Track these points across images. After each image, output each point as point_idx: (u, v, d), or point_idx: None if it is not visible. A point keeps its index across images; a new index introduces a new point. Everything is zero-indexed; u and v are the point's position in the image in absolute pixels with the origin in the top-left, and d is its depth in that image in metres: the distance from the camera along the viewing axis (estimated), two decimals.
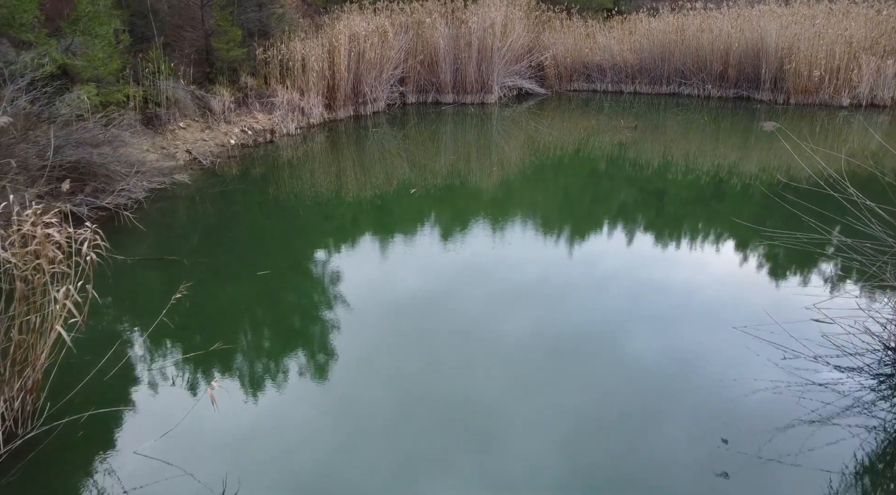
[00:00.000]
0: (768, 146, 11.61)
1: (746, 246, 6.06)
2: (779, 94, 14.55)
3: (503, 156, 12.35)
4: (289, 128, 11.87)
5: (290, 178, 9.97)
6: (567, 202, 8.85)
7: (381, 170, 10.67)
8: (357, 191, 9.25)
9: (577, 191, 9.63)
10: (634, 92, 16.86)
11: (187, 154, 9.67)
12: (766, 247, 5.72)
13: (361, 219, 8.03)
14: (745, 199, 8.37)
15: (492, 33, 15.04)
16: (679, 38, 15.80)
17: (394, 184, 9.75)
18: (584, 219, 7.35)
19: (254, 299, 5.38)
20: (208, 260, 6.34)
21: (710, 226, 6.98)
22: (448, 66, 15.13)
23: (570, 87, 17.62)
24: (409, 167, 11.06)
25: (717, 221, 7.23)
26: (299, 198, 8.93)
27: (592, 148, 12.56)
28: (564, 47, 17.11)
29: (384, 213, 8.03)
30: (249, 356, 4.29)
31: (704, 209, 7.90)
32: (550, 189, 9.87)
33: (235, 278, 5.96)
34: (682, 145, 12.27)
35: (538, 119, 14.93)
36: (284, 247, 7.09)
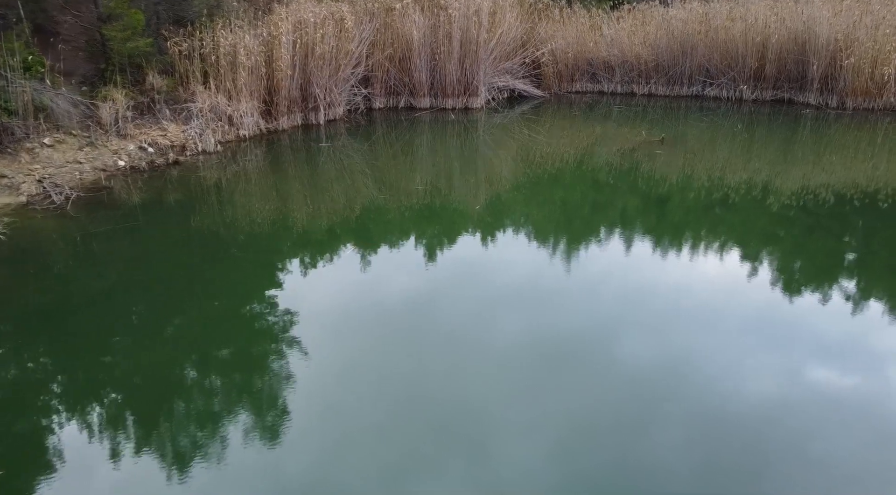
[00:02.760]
0: (815, 160, 9.05)
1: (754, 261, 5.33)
2: (830, 96, 11.82)
3: (492, 172, 9.72)
4: (207, 143, 9.01)
5: (218, 206, 7.48)
6: (566, 225, 6.83)
7: (339, 193, 8.11)
8: (308, 219, 7.08)
9: (577, 212, 7.43)
10: (649, 94, 14.11)
11: (40, 184, 6.82)
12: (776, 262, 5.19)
13: (315, 251, 6.31)
14: (775, 221, 6.28)
15: (477, 23, 12.25)
16: (703, 29, 13.06)
17: (356, 209, 7.36)
18: (582, 241, 6.28)
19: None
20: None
21: (714, 235, 6.08)
22: (424, 63, 12.32)
23: (571, 88, 14.85)
24: (375, 188, 8.50)
25: (725, 232, 6.26)
26: (232, 229, 6.75)
27: (598, 162, 9.88)
28: (565, 41, 14.33)
29: (345, 242, 6.44)
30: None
31: (719, 227, 6.37)
32: (547, 211, 7.45)
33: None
34: (707, 159, 9.63)
35: (534, 127, 12.18)
36: (219, 289, 5.61)
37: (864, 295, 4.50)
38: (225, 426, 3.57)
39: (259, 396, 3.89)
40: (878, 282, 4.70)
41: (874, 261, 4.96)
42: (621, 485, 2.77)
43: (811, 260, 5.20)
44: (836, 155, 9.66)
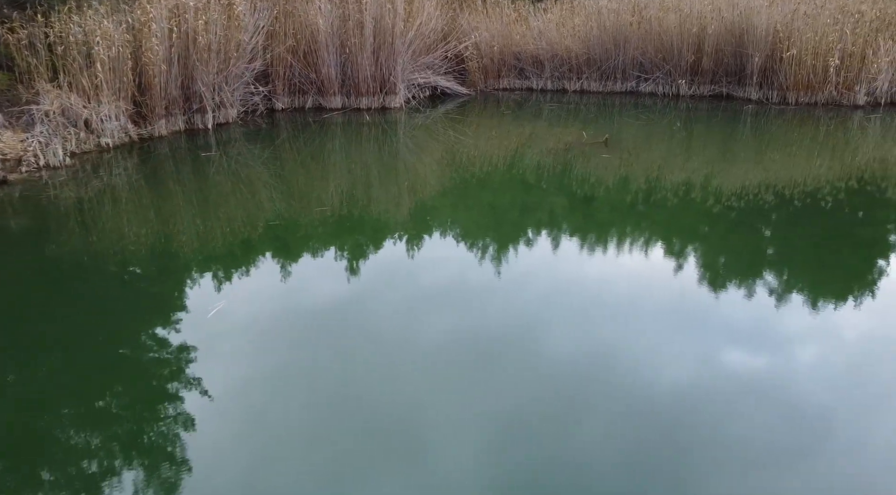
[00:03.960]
0: (756, 158, 8.31)
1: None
2: (771, 90, 11.12)
3: (416, 178, 8.39)
4: (53, 155, 7.16)
5: (80, 232, 5.90)
6: (494, 229, 6.18)
7: (237, 209, 6.61)
8: (199, 240, 5.76)
9: (506, 215, 6.61)
10: (581, 90, 13.12)
11: None
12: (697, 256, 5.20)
13: (214, 272, 5.21)
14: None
15: (392, 11, 10.83)
16: (636, 20, 12.15)
17: (259, 226, 6.01)
18: (510, 243, 5.83)
19: None
20: None
21: (640, 234, 5.85)
22: (333, 57, 10.79)
23: (498, 84, 13.68)
24: (282, 201, 6.99)
25: (652, 231, 6.00)
26: (100, 259, 5.30)
27: (528, 164, 8.74)
28: (489, 34, 13.14)
29: (249, 261, 5.44)
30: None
31: (646, 226, 6.06)
32: (475, 216, 6.55)
33: None
34: (644, 159, 8.66)
35: (460, 128, 10.88)
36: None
37: (777, 286, 4.54)
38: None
39: (159, 442, 3.26)
40: (792, 274, 4.74)
41: (794, 255, 5.03)
42: (552, 479, 2.81)
43: (732, 255, 5.16)
44: (778, 152, 8.90)
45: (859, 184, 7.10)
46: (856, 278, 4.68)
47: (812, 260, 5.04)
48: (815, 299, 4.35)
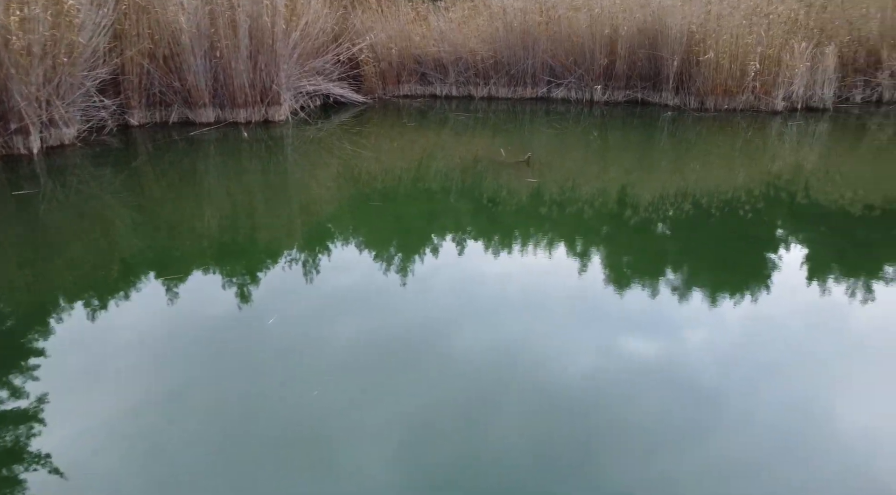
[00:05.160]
0: (675, 167, 7.84)
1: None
2: (688, 96, 10.49)
3: (309, 198, 7.05)
4: None
5: None
6: (398, 240, 5.96)
7: (81, 250, 5.33)
8: (37, 287, 4.74)
9: (411, 227, 6.27)
10: (489, 97, 12.06)
11: None
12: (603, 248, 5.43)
13: (68, 316, 4.42)
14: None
15: (271, 9, 9.25)
16: (544, 20, 11.22)
17: (114, 267, 4.96)
18: (414, 255, 5.38)
19: None
20: None
21: (548, 239, 5.67)
22: (201, 62, 9.06)
23: (398, 91, 12.38)
24: (143, 235, 5.61)
25: (559, 236, 5.78)
26: None
27: (434, 177, 7.65)
28: (386, 34, 11.80)
29: (111, 300, 4.55)
30: None
31: (555, 232, 5.95)
32: (376, 230, 6.05)
33: None
34: (558, 169, 7.78)
35: (357, 140, 9.50)
36: None
37: (677, 281, 4.71)
38: None
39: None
40: (691, 270, 4.93)
41: (696, 254, 5.25)
42: (467, 477, 2.82)
43: (637, 255, 5.24)
44: (696, 161, 8.38)
45: (772, 190, 6.89)
46: (748, 272, 4.88)
47: (712, 258, 5.20)
48: (710, 292, 4.52)
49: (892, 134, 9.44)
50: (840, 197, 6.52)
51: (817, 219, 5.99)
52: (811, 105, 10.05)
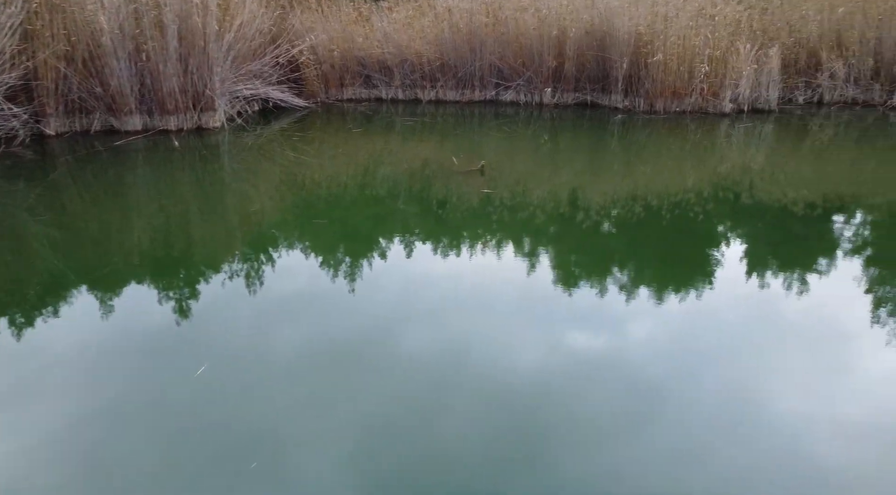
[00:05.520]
0: (626, 170, 7.77)
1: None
2: (637, 98, 10.39)
3: (249, 209, 6.56)
4: None
5: None
6: (345, 244, 5.95)
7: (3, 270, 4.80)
8: None
9: (357, 230, 6.19)
10: (436, 100, 11.70)
11: None
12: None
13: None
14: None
15: (203, 9, 8.64)
16: (491, 21, 10.94)
17: (32, 287, 4.61)
18: (364, 254, 5.38)
19: None
20: None
21: (495, 239, 5.70)
22: (125, 66, 8.37)
23: (342, 95, 11.88)
24: (64, 254, 5.23)
25: (505, 236, 5.81)
26: None
27: (381, 182, 7.32)
28: (327, 35, 11.29)
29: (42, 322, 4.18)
30: None
31: (502, 232, 5.95)
32: (322, 237, 5.92)
33: None
34: (508, 173, 7.55)
35: (300, 146, 9.01)
36: None
37: (621, 278, 4.81)
38: None
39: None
40: (635, 267, 5.04)
41: (641, 251, 5.30)
42: (420, 477, 2.82)
43: (584, 255, 5.35)
44: (646, 164, 8.29)
45: (718, 191, 6.95)
46: (691, 268, 4.99)
47: (658, 256, 5.26)
48: (655, 288, 4.61)
49: (833, 134, 9.57)
50: (782, 195, 6.66)
51: (758, 216, 6.13)
52: (757, 106, 10.11)
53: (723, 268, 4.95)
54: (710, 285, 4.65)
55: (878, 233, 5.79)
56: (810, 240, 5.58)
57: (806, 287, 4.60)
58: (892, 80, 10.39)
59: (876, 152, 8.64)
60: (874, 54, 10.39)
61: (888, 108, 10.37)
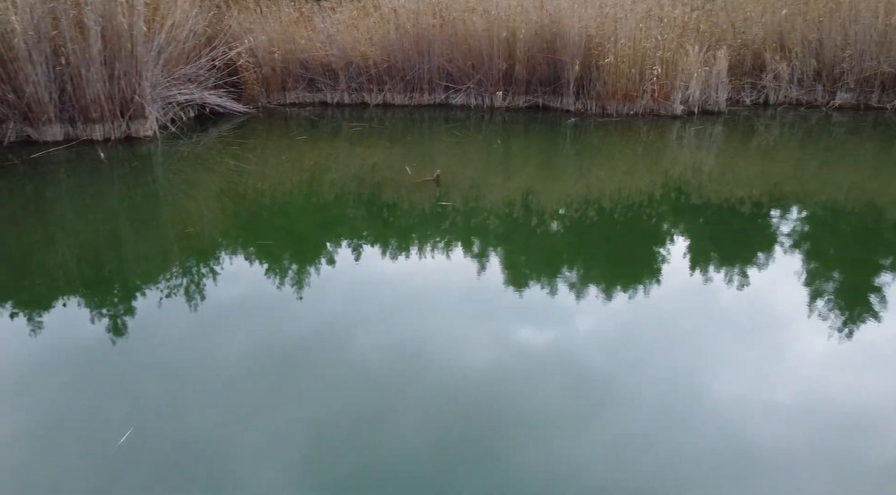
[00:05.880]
0: (579, 174, 7.80)
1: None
2: (589, 100, 10.24)
3: (186, 222, 6.19)
4: None
5: None
6: (290, 251, 5.85)
7: None
8: None
9: (304, 237, 6.10)
10: (384, 104, 11.29)
11: None
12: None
13: None
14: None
15: (129, 9, 7.99)
16: (439, 22, 10.60)
17: None
18: (311, 260, 5.31)
19: None
20: None
21: (444, 241, 5.68)
22: (41, 71, 7.65)
23: (284, 99, 11.33)
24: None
25: (455, 239, 5.82)
26: None
27: (327, 188, 7.08)
28: (267, 37, 10.73)
29: None
30: None
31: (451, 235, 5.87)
32: (267, 247, 5.74)
33: None
34: (461, 177, 7.38)
35: (242, 154, 8.50)
36: None
37: (568, 275, 4.88)
38: None
39: None
40: (583, 264, 5.14)
41: (589, 250, 5.42)
42: (373, 480, 2.82)
43: (532, 254, 5.35)
44: (599, 168, 8.14)
45: (668, 192, 7.01)
46: (638, 266, 5.08)
47: (607, 255, 5.34)
48: (603, 285, 4.69)
49: (778, 135, 9.66)
50: (729, 195, 6.78)
51: (704, 215, 6.29)
52: (707, 108, 10.10)
53: (668, 264, 5.10)
54: (654, 281, 4.80)
55: (814, 228, 5.99)
56: (750, 235, 5.72)
57: (745, 280, 4.78)
58: (833, 81, 10.57)
59: (819, 152, 8.76)
60: (816, 55, 10.55)
61: (831, 109, 10.55)
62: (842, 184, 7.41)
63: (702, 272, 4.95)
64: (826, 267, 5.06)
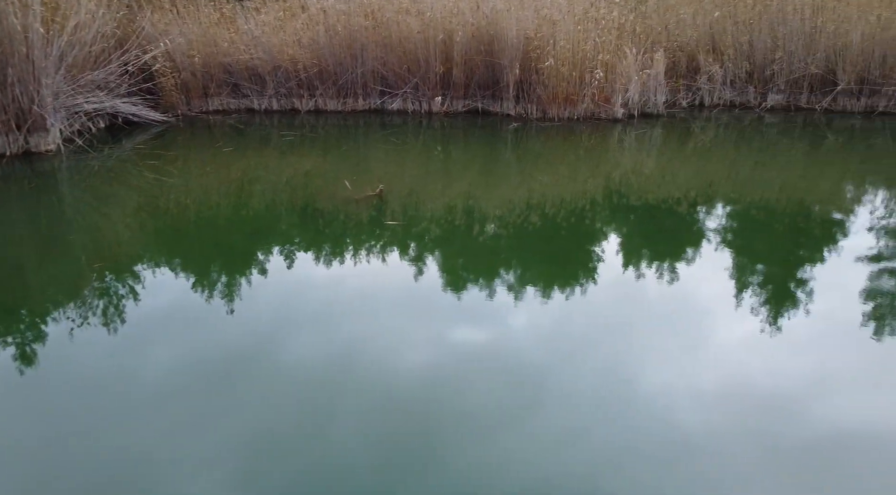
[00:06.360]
0: (525, 180, 7.76)
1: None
2: (529, 105, 9.99)
3: (101, 242, 5.87)
4: None
5: None
6: (222, 260, 5.51)
7: None
8: None
9: (235, 246, 5.75)
10: (316, 110, 10.69)
11: None
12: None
13: None
14: None
15: (22, 9, 7.12)
16: (372, 24, 10.10)
17: None
18: (240, 269, 5.12)
19: None
20: None
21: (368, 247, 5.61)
22: None
23: (207, 106, 10.56)
24: None
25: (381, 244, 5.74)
26: None
27: (255, 198, 6.82)
28: (186, 39, 9.94)
29: None
30: None
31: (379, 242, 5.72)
32: (197, 253, 5.63)
33: None
34: (399, 185, 7.16)
35: (161, 167, 7.83)
36: None
37: (507, 279, 4.84)
38: None
39: None
40: (520, 265, 5.10)
41: (525, 251, 5.41)
42: (312, 488, 2.75)
43: (470, 257, 5.37)
44: (543, 173, 8.00)
45: (608, 195, 7.10)
46: (570, 266, 5.19)
47: (542, 257, 5.36)
48: (539, 285, 4.74)
49: (713, 136, 9.72)
50: (667, 196, 6.89)
51: (641, 216, 6.39)
52: (646, 111, 10.04)
53: (603, 263, 5.22)
54: (590, 280, 4.91)
55: (743, 226, 6.17)
56: (683, 234, 5.91)
57: (675, 276, 4.96)
58: (764, 82, 10.73)
59: (752, 153, 8.88)
60: (748, 58, 10.68)
61: (763, 110, 10.70)
62: (773, 183, 7.55)
63: (635, 270, 5.09)
64: (752, 262, 5.25)
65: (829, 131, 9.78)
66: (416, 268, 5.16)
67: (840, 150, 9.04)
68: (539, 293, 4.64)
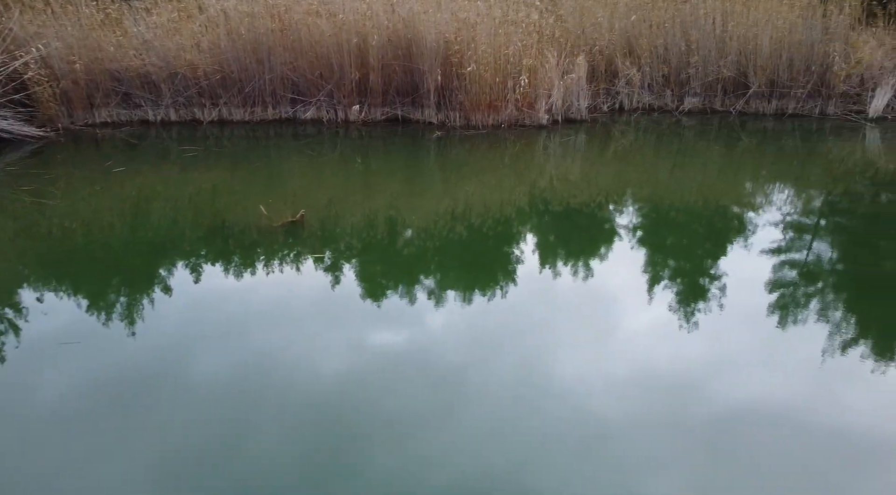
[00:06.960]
0: (448, 189, 7.52)
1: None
2: (451, 112, 9.53)
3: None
4: None
5: None
6: (121, 279, 5.10)
7: None
8: None
9: (132, 265, 4.94)
10: (220, 120, 9.77)
11: None
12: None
13: None
14: None
15: None
16: (279, 27, 9.33)
17: None
18: (142, 288, 4.83)
19: None
20: None
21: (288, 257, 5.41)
22: None
23: (93, 118, 9.41)
24: None
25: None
26: None
27: (156, 217, 6.26)
28: (65, 44, 8.79)
29: None
30: None
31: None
32: (87, 277, 5.15)
33: None
34: (315, 199, 6.88)
35: (39, 191, 6.95)
36: None
37: (427, 285, 4.83)
38: None
39: None
40: (439, 274, 5.08)
41: (451, 259, 5.39)
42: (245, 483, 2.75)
43: (391, 265, 5.27)
44: (467, 182, 7.70)
45: (531, 200, 7.06)
46: (489, 268, 5.22)
47: (462, 263, 5.36)
48: (457, 289, 4.77)
49: (633, 140, 9.67)
50: (588, 199, 7.03)
51: (561, 220, 6.48)
52: (569, 116, 9.84)
53: (522, 266, 5.29)
54: (508, 282, 4.95)
55: (659, 225, 6.32)
56: (600, 235, 6.03)
57: (590, 273, 5.14)
58: (681, 85, 10.81)
59: (670, 155, 8.92)
60: (664, 61, 10.72)
61: (681, 113, 10.78)
62: (690, 184, 7.80)
63: (552, 271, 5.20)
64: (664, 258, 5.47)
65: (743, 133, 9.95)
66: (332, 278, 5.05)
67: (753, 151, 9.18)
68: (458, 298, 4.67)
